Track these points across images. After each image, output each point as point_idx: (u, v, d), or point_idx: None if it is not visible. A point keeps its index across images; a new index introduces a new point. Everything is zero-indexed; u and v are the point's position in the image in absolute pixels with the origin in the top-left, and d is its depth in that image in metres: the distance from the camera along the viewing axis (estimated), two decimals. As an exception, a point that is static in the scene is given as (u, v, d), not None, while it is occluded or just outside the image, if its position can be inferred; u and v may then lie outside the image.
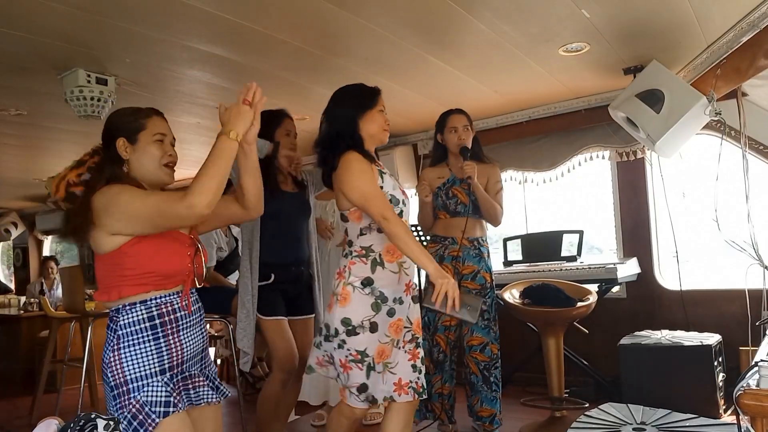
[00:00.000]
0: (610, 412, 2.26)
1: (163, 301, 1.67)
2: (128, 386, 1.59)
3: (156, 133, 1.74)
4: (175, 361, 1.67)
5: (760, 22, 2.68)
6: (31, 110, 3.72)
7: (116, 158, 1.72)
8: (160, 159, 1.75)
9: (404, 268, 2.19)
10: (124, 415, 1.58)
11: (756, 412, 1.28)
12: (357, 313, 2.11)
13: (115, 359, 1.61)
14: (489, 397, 3.08)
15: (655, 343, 3.16)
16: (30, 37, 2.64)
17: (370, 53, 3.07)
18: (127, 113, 1.76)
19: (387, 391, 2.16)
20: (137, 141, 1.72)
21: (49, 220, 7.11)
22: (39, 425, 1.62)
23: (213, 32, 2.74)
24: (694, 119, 3.11)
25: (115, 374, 1.60)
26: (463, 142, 3.07)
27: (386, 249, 2.16)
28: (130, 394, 1.59)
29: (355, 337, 2.10)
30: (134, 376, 1.60)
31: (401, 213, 2.19)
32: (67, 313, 4.35)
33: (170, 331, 1.66)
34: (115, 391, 1.60)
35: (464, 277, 3.09)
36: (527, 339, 4.15)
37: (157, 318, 1.65)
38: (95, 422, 1.55)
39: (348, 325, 2.10)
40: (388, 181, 2.19)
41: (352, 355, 2.10)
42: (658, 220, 4.13)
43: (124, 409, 1.58)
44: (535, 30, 2.88)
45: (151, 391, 1.60)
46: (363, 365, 2.09)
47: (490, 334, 3.09)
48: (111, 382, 1.61)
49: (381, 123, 2.24)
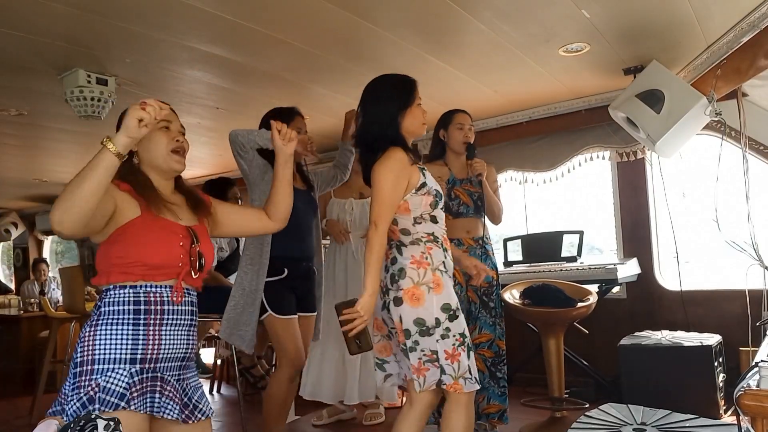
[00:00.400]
0: (610, 413, 2.26)
1: (153, 291, 1.63)
2: (93, 366, 1.53)
3: (160, 121, 1.66)
4: (148, 354, 1.59)
5: (760, 22, 2.68)
6: (31, 110, 3.73)
7: None
8: (167, 145, 1.71)
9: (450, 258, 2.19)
10: (79, 396, 1.50)
11: (756, 412, 1.28)
12: (452, 296, 2.08)
13: (89, 335, 1.57)
14: (497, 393, 3.06)
15: (655, 344, 3.16)
16: (30, 37, 2.64)
17: (370, 53, 3.07)
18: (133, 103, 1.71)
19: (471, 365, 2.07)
20: None
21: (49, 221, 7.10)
22: (39, 425, 1.62)
23: (213, 32, 2.74)
24: (694, 119, 3.11)
25: (85, 351, 1.55)
26: (468, 140, 3.07)
27: (444, 238, 2.16)
28: (92, 375, 1.52)
29: (456, 320, 2.05)
30: (103, 357, 1.54)
31: (444, 208, 2.20)
32: (67, 313, 4.35)
33: (152, 321, 1.61)
34: (78, 368, 1.54)
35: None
36: (527, 339, 4.15)
37: (143, 304, 1.60)
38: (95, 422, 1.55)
39: (449, 311, 2.04)
40: (430, 177, 2.18)
41: (457, 339, 2.04)
42: (658, 220, 4.13)
43: (81, 390, 1.51)
44: (535, 30, 2.88)
45: (112, 377, 1.52)
46: (465, 348, 2.06)
47: (496, 330, 3.09)
48: (78, 357, 1.55)
49: (420, 118, 2.20)
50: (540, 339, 3.50)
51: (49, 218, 1.49)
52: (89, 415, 1.54)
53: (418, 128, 2.20)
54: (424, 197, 2.12)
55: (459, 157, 3.11)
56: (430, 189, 2.14)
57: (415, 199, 2.11)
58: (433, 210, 2.14)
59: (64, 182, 6.45)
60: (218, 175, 5.78)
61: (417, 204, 2.11)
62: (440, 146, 3.17)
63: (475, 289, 3.05)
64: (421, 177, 2.14)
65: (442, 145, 3.15)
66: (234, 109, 3.83)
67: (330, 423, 3.69)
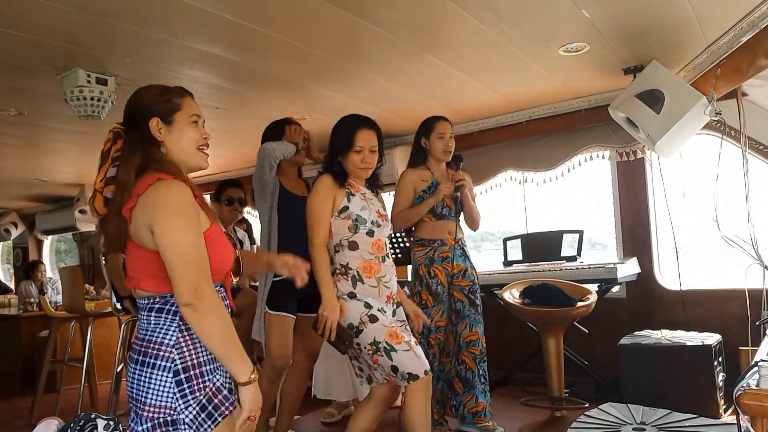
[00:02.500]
0: (610, 412, 2.26)
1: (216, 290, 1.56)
2: (202, 368, 1.47)
3: (192, 115, 1.62)
4: None
5: (760, 22, 2.68)
6: (31, 110, 3.73)
7: (150, 139, 1.57)
8: (197, 142, 1.62)
9: (383, 282, 2.38)
10: (197, 399, 1.44)
11: (756, 412, 1.28)
12: (354, 315, 2.31)
13: (185, 339, 1.47)
14: (481, 390, 3.16)
15: (655, 343, 3.16)
16: (30, 37, 2.64)
17: (370, 53, 3.07)
18: (158, 92, 1.63)
19: (425, 364, 2.28)
20: (173, 122, 1.59)
21: (49, 220, 7.10)
22: (39, 425, 1.62)
23: (213, 32, 2.74)
24: (694, 119, 3.11)
25: (187, 355, 1.46)
26: (449, 149, 3.18)
27: (362, 266, 2.36)
28: (205, 377, 1.46)
29: (362, 333, 2.29)
30: (207, 358, 1.48)
31: (369, 233, 2.38)
32: (67, 313, 4.35)
33: None
34: (184, 375, 1.45)
35: (455, 275, 3.17)
36: (527, 339, 4.15)
37: None
38: (95, 422, 1.55)
39: (353, 328, 2.31)
40: (357, 202, 2.40)
41: (369, 348, 2.28)
42: (658, 220, 4.13)
43: (198, 393, 1.45)
44: (535, 30, 2.88)
45: (221, 377, 1.50)
46: (381, 351, 2.26)
47: (481, 328, 3.21)
48: (179, 364, 1.45)
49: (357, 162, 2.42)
50: (540, 338, 3.51)
51: (188, 304, 1.41)
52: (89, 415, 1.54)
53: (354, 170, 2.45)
54: (344, 221, 2.37)
55: (440, 164, 3.24)
56: (351, 213, 2.37)
57: (336, 223, 2.38)
58: (353, 235, 2.36)
59: (64, 182, 6.46)
60: (217, 175, 5.78)
61: (337, 228, 2.39)
62: (422, 153, 3.21)
63: (461, 288, 3.16)
64: (345, 200, 2.39)
65: (424, 152, 3.19)
66: (234, 109, 3.83)
67: (339, 420, 3.71)
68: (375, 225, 2.40)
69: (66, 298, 4.46)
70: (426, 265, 3.13)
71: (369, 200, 2.46)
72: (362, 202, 2.41)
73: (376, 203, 2.50)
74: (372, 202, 2.48)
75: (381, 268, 2.38)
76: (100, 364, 4.70)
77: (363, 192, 2.46)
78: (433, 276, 3.11)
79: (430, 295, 3.11)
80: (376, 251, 2.38)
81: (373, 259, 2.37)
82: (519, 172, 4.59)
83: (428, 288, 3.11)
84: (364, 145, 2.39)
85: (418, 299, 3.12)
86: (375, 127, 2.47)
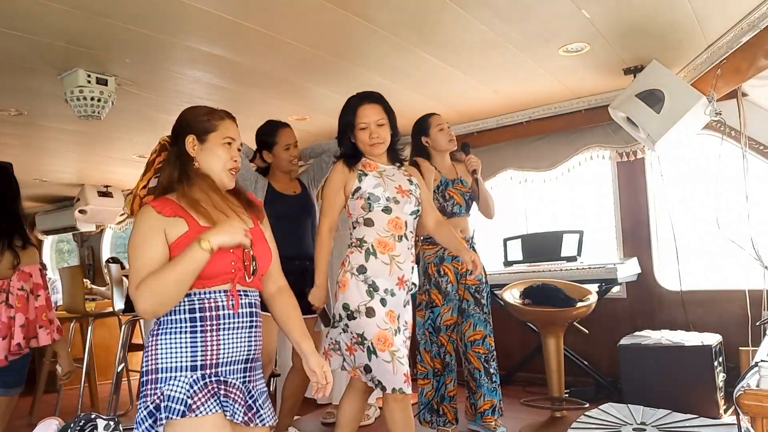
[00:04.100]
0: (610, 412, 2.26)
1: (207, 297, 1.62)
2: (158, 375, 1.56)
3: (226, 137, 1.74)
4: (208, 360, 1.60)
5: (760, 22, 2.68)
6: (31, 110, 3.72)
7: (186, 154, 1.72)
8: (225, 163, 1.73)
9: (396, 262, 2.32)
10: (146, 404, 1.54)
11: (756, 412, 1.28)
12: (354, 298, 2.29)
13: (152, 346, 1.60)
14: (490, 389, 3.13)
15: (655, 343, 3.16)
16: (30, 37, 2.64)
17: (370, 53, 3.07)
18: (202, 112, 1.77)
19: (398, 383, 2.22)
20: (206, 141, 1.72)
21: (49, 220, 7.10)
22: (39, 425, 1.63)
23: (213, 32, 2.74)
24: (694, 119, 3.11)
25: (149, 361, 1.58)
26: (453, 137, 3.18)
27: (378, 241, 2.32)
28: (157, 384, 1.55)
29: (354, 320, 2.28)
30: (165, 365, 1.56)
31: (386, 210, 2.34)
32: (67, 313, 4.35)
33: (209, 327, 1.60)
34: (144, 378, 1.58)
35: (464, 274, 3.13)
36: (527, 339, 4.15)
37: (198, 312, 1.60)
38: (95, 422, 1.55)
39: (347, 310, 2.30)
40: (371, 181, 2.36)
41: (354, 338, 2.28)
42: (658, 220, 4.13)
43: (147, 398, 1.54)
44: (535, 30, 2.88)
45: (176, 386, 1.55)
46: (363, 348, 2.26)
47: (487, 327, 3.18)
48: (144, 367, 1.59)
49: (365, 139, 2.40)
50: (540, 338, 3.51)
51: (136, 299, 1.53)
52: (89, 415, 1.54)
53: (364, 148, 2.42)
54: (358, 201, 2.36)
55: (444, 158, 3.21)
56: (364, 192, 2.35)
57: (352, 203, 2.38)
58: (368, 213, 2.34)
59: (64, 182, 6.45)
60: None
61: (353, 207, 2.38)
62: (424, 152, 3.18)
63: (467, 287, 3.14)
64: (356, 182, 2.37)
65: (426, 150, 3.17)
66: (234, 109, 3.78)
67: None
68: (392, 201, 2.34)
69: (66, 298, 4.46)
70: (436, 263, 3.11)
71: (387, 177, 2.40)
72: (377, 179, 2.36)
73: (398, 179, 2.42)
74: (392, 178, 2.41)
75: (396, 246, 2.32)
76: (100, 364, 4.71)
77: (381, 170, 2.41)
78: (443, 274, 3.09)
79: (439, 293, 3.09)
80: (392, 229, 2.32)
81: (389, 237, 2.32)
82: (519, 172, 4.59)
83: (438, 287, 3.09)
84: (369, 120, 2.36)
85: (427, 298, 3.11)
86: (378, 100, 2.42)
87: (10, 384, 2.46)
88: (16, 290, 2.45)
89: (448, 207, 3.14)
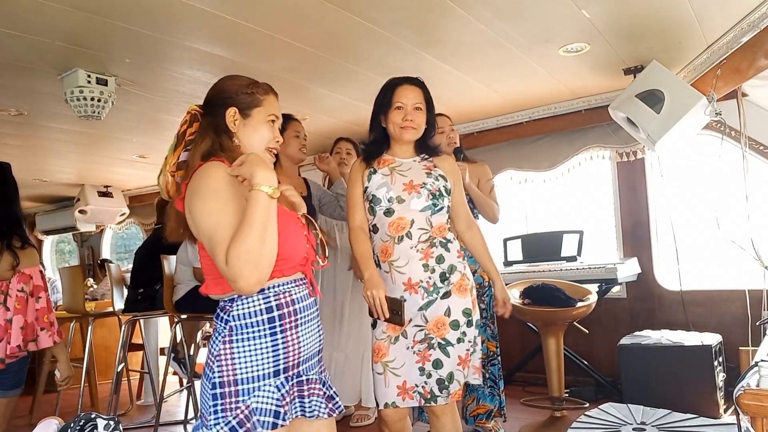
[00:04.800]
0: (610, 412, 2.26)
1: (282, 290, 1.46)
2: (238, 387, 1.39)
3: (271, 114, 1.57)
4: (291, 361, 1.46)
5: (760, 22, 2.68)
6: (31, 110, 3.73)
7: (224, 127, 1.53)
8: (268, 142, 1.57)
9: (395, 267, 2.11)
10: (226, 419, 1.37)
11: (756, 412, 1.28)
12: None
13: (226, 353, 1.40)
14: (485, 394, 3.09)
15: (655, 343, 3.16)
16: (30, 37, 2.64)
17: (370, 53, 3.07)
18: (245, 83, 1.58)
19: (390, 397, 2.07)
20: (250, 116, 1.55)
21: (49, 220, 7.10)
22: (39, 425, 1.62)
23: (213, 32, 2.74)
24: (694, 119, 3.11)
25: (224, 370, 1.40)
26: (452, 141, 3.09)
27: (381, 249, 2.16)
28: (239, 396, 1.39)
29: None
30: (247, 376, 1.40)
31: (387, 212, 2.14)
32: (67, 313, 4.35)
33: (288, 325, 1.45)
34: (219, 390, 1.39)
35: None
36: (527, 339, 4.15)
37: (276, 309, 1.44)
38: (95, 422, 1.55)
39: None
40: (377, 180, 2.19)
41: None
42: (658, 220, 4.13)
43: (229, 413, 1.37)
44: (535, 30, 2.88)
45: (262, 396, 1.40)
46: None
47: (486, 331, 3.12)
48: (217, 378, 1.40)
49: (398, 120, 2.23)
50: (540, 339, 3.51)
51: (233, 281, 1.32)
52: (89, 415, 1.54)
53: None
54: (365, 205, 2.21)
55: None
56: (369, 193, 2.19)
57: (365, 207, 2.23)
58: (374, 218, 2.18)
59: (64, 182, 6.45)
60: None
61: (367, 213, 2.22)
62: None
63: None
64: (366, 181, 2.21)
65: None
66: (234, 109, 3.82)
67: (339, 420, 3.71)
68: (396, 201, 2.13)
69: (66, 298, 4.46)
70: None
71: (399, 173, 2.18)
72: (384, 178, 2.17)
73: (413, 173, 2.18)
74: (405, 173, 2.18)
75: (394, 250, 2.11)
76: (100, 364, 4.71)
77: (395, 165, 2.20)
78: None
79: None
80: (392, 231, 2.12)
81: (389, 241, 2.13)
82: (519, 172, 4.59)
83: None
84: (406, 101, 2.15)
85: None
86: (420, 84, 2.21)
87: (9, 386, 2.46)
88: (15, 292, 2.44)
89: None
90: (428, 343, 2.09)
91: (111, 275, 4.39)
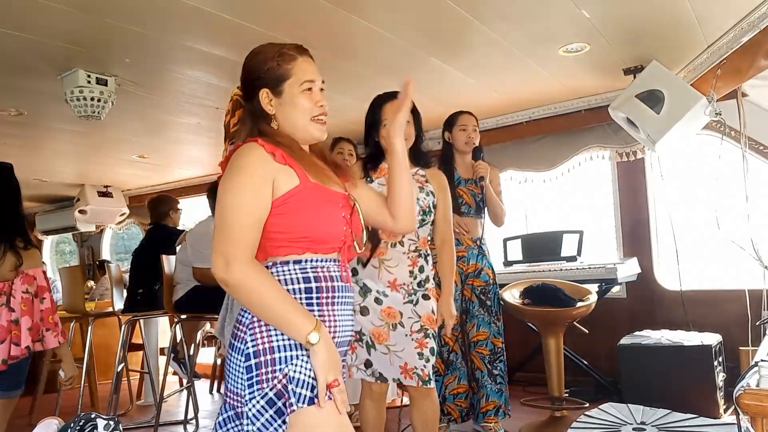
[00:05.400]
0: (610, 412, 2.26)
1: (320, 264, 1.38)
2: (274, 355, 1.28)
3: (304, 81, 1.43)
4: None
5: (760, 22, 2.68)
6: (31, 110, 3.73)
7: (261, 112, 1.43)
8: (310, 112, 1.43)
9: (386, 266, 2.34)
10: (263, 391, 1.27)
11: (756, 412, 1.28)
12: None
13: (259, 321, 1.31)
14: (494, 390, 3.11)
15: (655, 343, 3.16)
16: (30, 37, 2.64)
17: (370, 54, 3.07)
18: (270, 55, 1.44)
19: (395, 373, 2.32)
20: (282, 93, 1.43)
21: (49, 220, 7.10)
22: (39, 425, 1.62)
23: (213, 32, 2.74)
24: (694, 119, 3.11)
25: (258, 338, 1.29)
26: (472, 140, 3.15)
27: None
28: (275, 366, 1.27)
29: None
30: (284, 343, 1.29)
31: None
32: (67, 313, 4.35)
33: (325, 300, 1.37)
34: (254, 360, 1.29)
35: (469, 275, 3.14)
36: (527, 339, 4.15)
37: (314, 281, 1.36)
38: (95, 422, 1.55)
39: None
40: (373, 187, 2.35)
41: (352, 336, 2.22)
42: (658, 220, 4.13)
43: (265, 384, 1.27)
44: (535, 30, 2.88)
45: (300, 366, 1.28)
46: (362, 343, 2.33)
47: (492, 328, 3.15)
48: (251, 347, 1.30)
49: None
50: (540, 338, 3.50)
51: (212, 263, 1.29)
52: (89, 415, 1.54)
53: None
54: None
55: (464, 157, 3.21)
56: None
57: None
58: None
59: (64, 182, 6.43)
60: (215, 176, 5.78)
61: None
62: (448, 148, 3.22)
63: (473, 288, 3.13)
64: None
65: (450, 146, 3.20)
66: (234, 109, 3.82)
67: None
68: None
69: (66, 298, 4.46)
70: None
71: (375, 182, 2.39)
72: (380, 187, 2.32)
73: None
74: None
75: (387, 251, 2.34)
76: (100, 364, 4.70)
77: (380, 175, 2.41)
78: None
79: None
80: (386, 238, 2.33)
81: (382, 244, 2.34)
82: (519, 172, 4.59)
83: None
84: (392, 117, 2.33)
85: None
86: None
87: (10, 387, 2.46)
88: (20, 293, 2.44)
89: (457, 207, 3.14)
90: (425, 332, 2.35)
91: (111, 275, 4.39)
